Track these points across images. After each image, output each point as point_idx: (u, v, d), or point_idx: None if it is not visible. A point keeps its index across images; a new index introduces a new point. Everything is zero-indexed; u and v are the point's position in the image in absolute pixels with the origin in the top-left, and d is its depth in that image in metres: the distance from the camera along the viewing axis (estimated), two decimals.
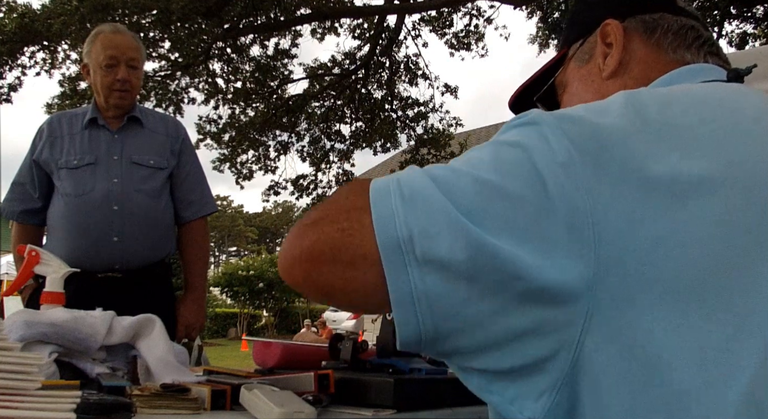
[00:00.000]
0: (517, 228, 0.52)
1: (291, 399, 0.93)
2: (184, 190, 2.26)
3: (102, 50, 2.10)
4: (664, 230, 0.52)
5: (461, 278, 0.51)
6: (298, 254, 0.57)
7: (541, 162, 0.53)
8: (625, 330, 0.51)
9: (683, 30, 0.80)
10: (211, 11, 8.41)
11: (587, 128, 0.56)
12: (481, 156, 0.57)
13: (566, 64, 0.89)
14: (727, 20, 9.15)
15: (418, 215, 0.53)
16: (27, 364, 0.66)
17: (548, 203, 0.52)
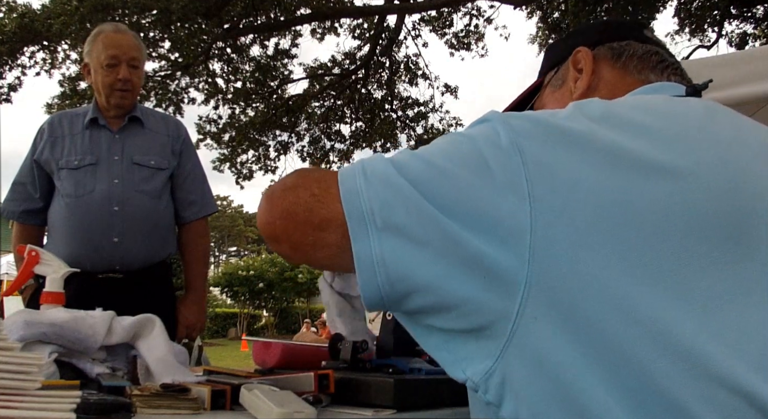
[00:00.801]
0: (461, 203, 0.59)
1: (291, 399, 0.93)
2: (184, 190, 2.25)
3: (103, 49, 2.09)
4: (621, 195, 0.57)
5: (414, 243, 0.59)
6: (278, 213, 0.67)
7: (485, 146, 0.61)
8: (563, 301, 0.55)
9: (648, 54, 0.87)
10: (211, 11, 8.41)
11: (532, 120, 0.63)
12: (437, 144, 0.66)
13: (542, 91, 0.96)
14: (727, 20, 9.15)
15: (379, 190, 0.62)
16: (27, 364, 0.66)
17: (489, 181, 0.59)
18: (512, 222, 0.57)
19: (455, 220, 0.58)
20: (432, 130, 10.68)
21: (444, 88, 10.81)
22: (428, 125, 10.75)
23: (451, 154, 0.63)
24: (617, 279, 0.55)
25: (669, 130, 0.63)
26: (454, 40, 10.69)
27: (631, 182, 0.57)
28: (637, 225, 0.56)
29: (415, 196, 0.60)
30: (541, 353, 0.56)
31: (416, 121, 10.78)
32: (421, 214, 0.59)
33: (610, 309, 0.54)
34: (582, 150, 0.59)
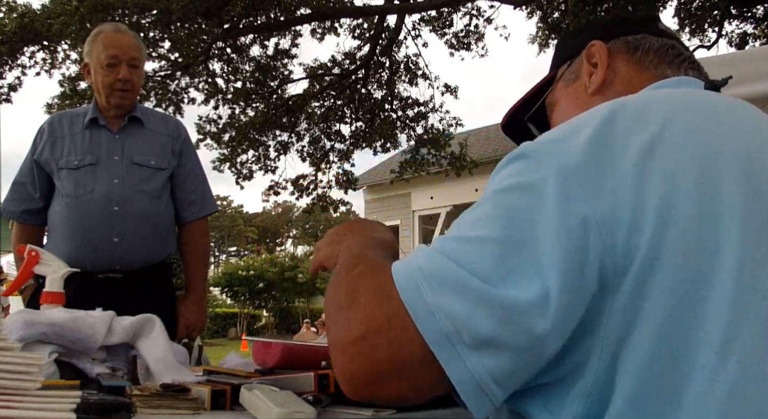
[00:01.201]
0: (544, 266, 0.56)
1: (291, 399, 0.93)
2: (184, 190, 2.25)
3: (103, 49, 2.09)
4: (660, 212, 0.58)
5: (515, 348, 0.55)
6: (362, 378, 0.60)
7: (538, 196, 0.59)
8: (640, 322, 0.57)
9: (664, 48, 0.85)
10: (211, 11, 8.41)
11: (568, 147, 0.61)
12: (486, 214, 0.61)
13: (555, 85, 0.94)
14: (727, 20, 9.15)
15: (453, 302, 0.56)
16: (27, 364, 0.66)
17: (559, 229, 0.57)
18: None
19: (530, 291, 0.56)
20: (432, 130, 10.66)
21: (444, 88, 10.80)
22: (428, 125, 10.73)
23: (510, 219, 0.59)
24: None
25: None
26: (454, 40, 10.68)
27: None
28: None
29: (487, 292, 0.56)
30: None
31: (416, 121, 10.76)
32: (503, 312, 0.55)
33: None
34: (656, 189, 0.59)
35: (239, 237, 50.66)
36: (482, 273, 0.56)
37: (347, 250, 0.81)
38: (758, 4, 8.63)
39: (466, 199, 14.16)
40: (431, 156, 10.73)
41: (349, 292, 0.64)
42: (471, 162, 10.77)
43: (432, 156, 10.72)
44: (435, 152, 10.61)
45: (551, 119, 0.94)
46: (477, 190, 13.72)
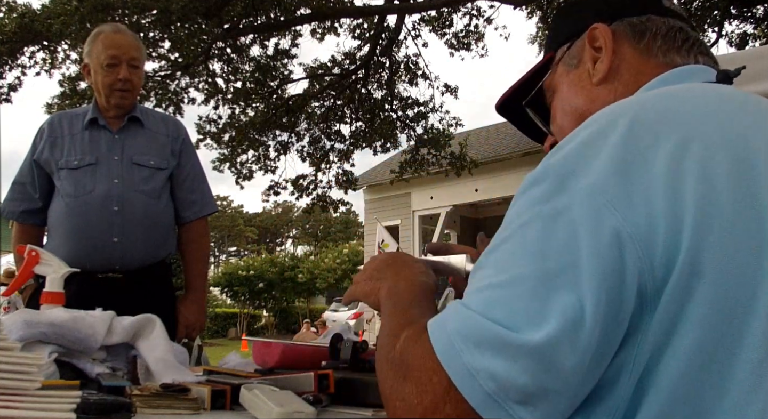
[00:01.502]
0: (580, 295, 0.54)
1: (291, 399, 0.93)
2: (184, 190, 2.25)
3: (103, 50, 2.09)
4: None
5: (563, 393, 0.54)
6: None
7: (566, 223, 0.56)
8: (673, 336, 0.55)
9: (672, 32, 0.80)
10: (211, 11, 8.41)
11: (592, 164, 0.58)
12: (510, 252, 0.59)
13: (554, 68, 0.88)
14: (727, 20, 9.15)
15: (492, 361, 0.54)
16: (27, 364, 0.66)
17: (588, 259, 0.55)
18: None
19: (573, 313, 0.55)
20: (432, 130, 10.66)
21: (444, 88, 10.80)
22: (428, 125, 10.74)
23: (538, 252, 0.57)
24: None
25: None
26: (454, 40, 10.68)
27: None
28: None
29: (525, 345, 0.53)
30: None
31: (416, 121, 10.76)
32: (540, 364, 0.53)
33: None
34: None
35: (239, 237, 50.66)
36: (507, 321, 0.55)
37: (389, 299, 0.79)
38: (758, 4, 8.64)
39: (466, 199, 14.16)
40: (431, 156, 10.73)
41: (400, 366, 0.62)
42: (471, 162, 10.78)
43: (432, 156, 10.73)
44: (435, 152, 10.61)
45: (551, 104, 0.89)
46: (477, 190, 13.72)
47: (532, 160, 11.95)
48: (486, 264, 0.61)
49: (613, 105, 0.66)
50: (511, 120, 1.01)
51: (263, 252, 33.23)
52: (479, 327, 0.56)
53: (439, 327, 0.60)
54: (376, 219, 14.38)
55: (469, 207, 15.11)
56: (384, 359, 0.66)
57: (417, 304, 0.75)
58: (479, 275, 0.61)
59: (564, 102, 0.85)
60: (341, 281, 22.84)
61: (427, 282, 0.82)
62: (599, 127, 0.62)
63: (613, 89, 0.79)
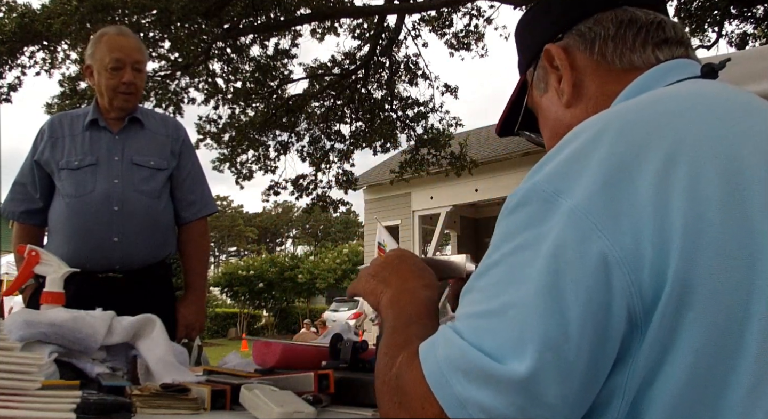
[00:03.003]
0: (565, 323, 0.54)
1: (291, 399, 0.93)
2: (184, 190, 2.26)
3: (108, 52, 2.10)
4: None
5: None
6: None
7: (550, 248, 0.56)
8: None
9: (621, 30, 0.74)
10: (211, 11, 8.41)
11: (576, 185, 0.57)
12: (498, 279, 0.58)
13: (530, 90, 0.86)
14: (727, 20, 9.15)
15: (480, 392, 0.54)
16: (27, 364, 0.66)
17: (574, 284, 0.54)
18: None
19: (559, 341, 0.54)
20: (432, 130, 10.67)
21: (444, 88, 10.79)
22: (428, 125, 10.74)
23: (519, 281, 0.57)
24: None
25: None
26: (454, 40, 10.68)
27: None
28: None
29: (512, 378, 0.53)
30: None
31: (416, 121, 10.76)
32: (530, 396, 0.53)
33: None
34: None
35: (239, 237, 50.66)
36: (494, 351, 0.55)
37: (390, 310, 0.78)
38: (758, 4, 8.64)
39: (466, 199, 14.16)
40: (431, 156, 10.73)
41: (395, 391, 0.63)
42: (471, 162, 10.78)
43: (432, 156, 10.73)
44: (435, 152, 10.62)
45: (539, 123, 0.87)
46: (477, 190, 13.72)
47: (532, 160, 11.93)
48: (475, 288, 0.61)
49: (594, 118, 0.64)
50: (520, 135, 0.99)
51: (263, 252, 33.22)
52: (467, 356, 0.56)
53: (430, 353, 0.60)
54: (376, 219, 14.38)
55: (469, 207, 15.12)
56: (381, 380, 0.66)
57: (417, 321, 0.74)
58: (469, 299, 0.61)
59: (545, 127, 0.85)
60: (341, 281, 22.84)
61: (431, 298, 0.80)
62: (581, 143, 0.60)
63: (584, 107, 0.77)
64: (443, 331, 0.60)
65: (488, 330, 0.56)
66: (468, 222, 15.70)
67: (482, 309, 0.58)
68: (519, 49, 0.89)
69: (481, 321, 0.57)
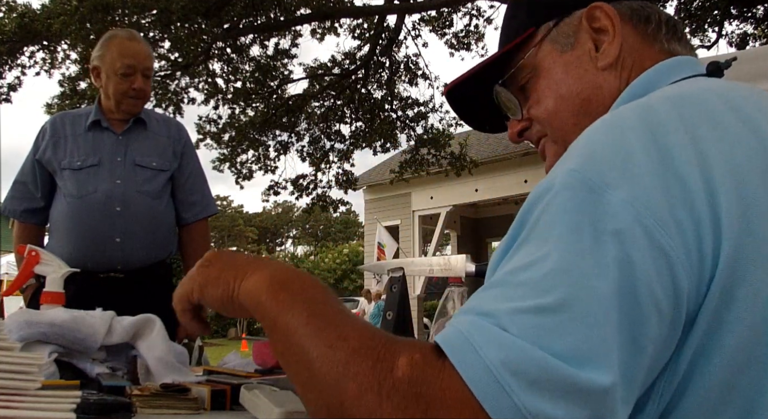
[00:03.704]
0: (634, 327, 0.47)
1: (291, 399, 0.93)
2: (185, 191, 2.26)
3: (119, 58, 2.11)
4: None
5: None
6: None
7: (614, 241, 0.49)
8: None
9: (671, 22, 0.76)
10: (211, 11, 8.41)
11: (632, 177, 0.52)
12: (549, 268, 0.49)
13: (539, 46, 0.78)
14: (727, 20, 9.15)
15: (550, 406, 0.44)
16: (27, 364, 0.66)
17: (639, 286, 0.48)
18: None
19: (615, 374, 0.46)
20: (432, 130, 10.67)
21: (444, 88, 10.79)
22: (428, 125, 10.75)
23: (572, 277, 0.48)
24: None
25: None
26: (454, 40, 10.69)
27: None
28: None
29: (567, 376, 0.45)
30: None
31: (416, 121, 10.77)
32: (581, 397, 0.45)
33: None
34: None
35: (239, 237, 50.68)
36: (568, 354, 0.45)
37: (282, 292, 0.59)
38: (758, 4, 8.64)
39: (466, 199, 14.16)
40: (431, 156, 10.74)
41: (413, 400, 0.47)
42: (471, 162, 10.79)
43: (432, 156, 10.73)
44: (435, 152, 10.62)
45: (533, 86, 0.80)
46: (477, 190, 13.72)
47: (531, 160, 11.95)
48: (510, 282, 0.50)
49: (626, 110, 0.59)
50: (454, 104, 0.92)
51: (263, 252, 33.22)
52: (534, 360, 0.45)
53: (468, 353, 0.47)
54: (376, 219, 14.39)
55: (469, 207, 15.11)
56: (369, 387, 0.48)
57: (342, 307, 0.58)
58: (502, 293, 0.50)
59: (560, 85, 0.77)
60: (341, 281, 22.83)
61: (333, 298, 0.61)
62: (622, 132, 0.56)
63: (618, 75, 0.74)
64: (477, 325, 0.48)
65: (553, 330, 0.46)
66: (468, 222, 15.70)
67: (534, 304, 0.47)
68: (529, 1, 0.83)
69: (540, 318, 0.46)
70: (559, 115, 0.77)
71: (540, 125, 0.81)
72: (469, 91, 0.88)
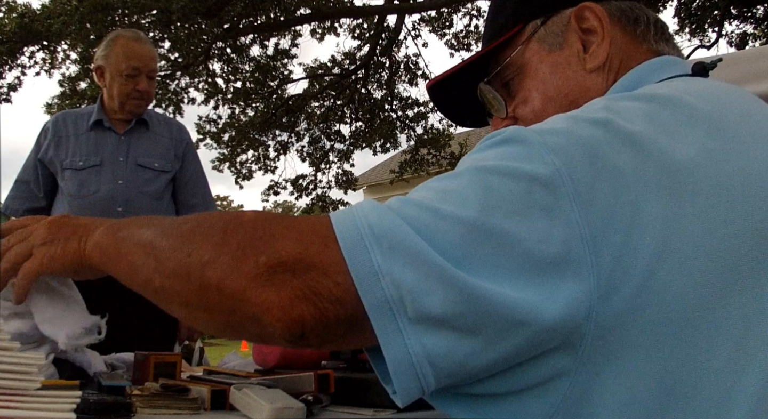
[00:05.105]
0: (513, 268, 0.48)
1: (280, 396, 0.93)
2: (186, 193, 2.27)
3: (124, 59, 2.11)
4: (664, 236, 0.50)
5: (461, 332, 0.47)
6: (293, 320, 0.49)
7: (532, 189, 0.50)
8: (623, 357, 0.50)
9: (659, 23, 0.75)
10: (211, 11, 8.41)
11: (574, 141, 0.53)
12: (462, 189, 0.51)
13: (526, 44, 0.77)
14: (727, 20, 9.16)
15: (404, 270, 0.47)
16: (27, 364, 0.66)
17: (542, 233, 0.49)
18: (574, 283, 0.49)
19: (508, 289, 0.47)
20: (432, 130, 10.67)
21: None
22: (428, 125, 10.76)
23: (488, 203, 0.50)
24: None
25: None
26: (454, 40, 10.69)
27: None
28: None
29: (448, 270, 0.47)
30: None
31: (416, 121, 10.78)
32: (463, 294, 0.47)
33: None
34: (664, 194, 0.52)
35: None
36: (444, 252, 0.48)
37: (127, 229, 0.64)
38: (758, 4, 8.64)
39: None
40: (431, 156, 10.74)
41: (258, 229, 0.52)
42: None
43: (432, 156, 10.73)
44: (435, 152, 10.62)
45: (518, 84, 0.79)
46: None
47: None
48: (427, 189, 0.55)
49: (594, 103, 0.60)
50: (436, 98, 0.91)
51: None
52: (403, 233, 0.48)
53: (346, 214, 0.52)
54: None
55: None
56: (214, 226, 0.54)
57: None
58: (416, 194, 0.54)
59: (547, 86, 0.76)
60: None
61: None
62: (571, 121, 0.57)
63: (605, 77, 0.73)
64: (369, 203, 0.53)
65: (438, 227, 0.49)
66: None
67: (433, 206, 0.50)
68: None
69: (432, 215, 0.50)
70: (546, 116, 0.75)
71: (525, 125, 0.80)
72: (451, 87, 0.87)
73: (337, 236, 0.50)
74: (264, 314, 0.49)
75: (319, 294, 0.49)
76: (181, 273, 0.54)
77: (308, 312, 0.48)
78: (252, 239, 0.52)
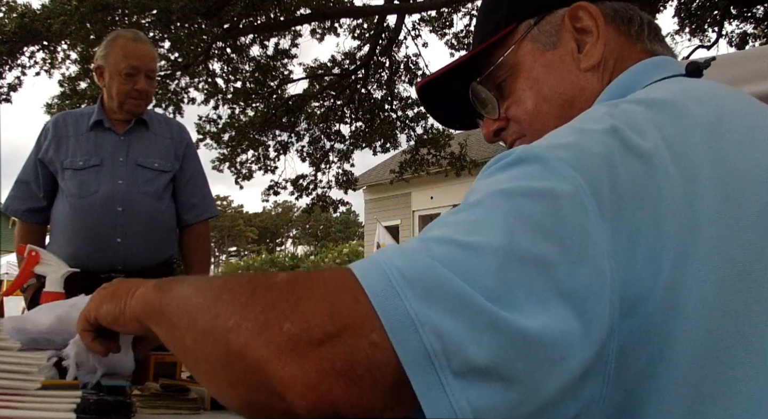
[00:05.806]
0: (552, 296, 0.45)
1: None
2: (186, 193, 2.27)
3: (123, 58, 2.11)
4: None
5: (506, 382, 0.43)
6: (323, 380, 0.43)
7: (558, 207, 0.47)
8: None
9: (652, 24, 0.75)
10: (211, 11, 8.41)
11: (588, 153, 0.51)
12: (485, 217, 0.48)
13: (519, 43, 0.76)
14: (727, 20, 9.15)
15: (445, 317, 0.42)
16: (27, 364, 0.66)
17: (575, 254, 0.46)
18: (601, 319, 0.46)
19: (548, 321, 0.44)
20: (432, 130, 10.67)
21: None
22: (428, 125, 10.74)
23: (516, 228, 0.46)
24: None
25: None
26: (454, 40, 10.68)
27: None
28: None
29: (491, 312, 0.43)
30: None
31: (416, 121, 10.76)
32: (508, 337, 0.42)
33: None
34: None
35: (239, 238, 50.68)
36: (484, 288, 0.43)
37: (172, 289, 0.58)
38: (758, 4, 8.64)
39: None
40: (431, 156, 10.74)
41: (288, 288, 0.47)
42: (471, 162, 10.78)
43: (432, 156, 10.73)
44: (435, 152, 10.62)
45: (513, 84, 0.78)
46: None
47: None
48: (449, 221, 0.51)
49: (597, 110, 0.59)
50: (426, 101, 0.90)
51: (263, 252, 33.22)
52: (437, 274, 0.44)
53: (371, 263, 0.46)
54: (376, 219, 14.39)
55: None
56: (241, 290, 0.48)
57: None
58: (436, 229, 0.50)
59: (542, 86, 0.75)
60: None
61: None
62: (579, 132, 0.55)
63: (600, 77, 0.72)
64: (393, 247, 0.48)
65: (470, 262, 0.45)
66: None
67: (460, 239, 0.47)
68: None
69: (461, 249, 0.46)
70: (540, 116, 0.75)
71: (519, 126, 0.79)
72: (442, 89, 0.86)
73: (363, 286, 0.44)
74: (286, 391, 0.43)
75: (354, 362, 0.42)
76: (208, 335, 0.48)
77: (339, 388, 0.42)
78: (277, 301, 0.46)
